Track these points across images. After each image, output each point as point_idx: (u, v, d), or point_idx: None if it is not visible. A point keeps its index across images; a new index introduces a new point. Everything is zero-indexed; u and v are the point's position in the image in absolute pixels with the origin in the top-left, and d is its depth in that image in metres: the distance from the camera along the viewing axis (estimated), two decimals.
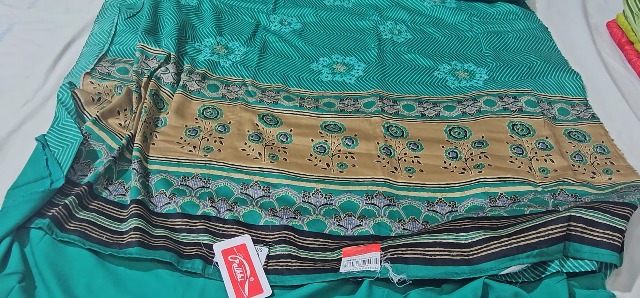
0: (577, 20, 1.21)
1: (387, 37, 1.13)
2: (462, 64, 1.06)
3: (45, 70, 0.96)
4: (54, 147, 0.76)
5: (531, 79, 1.01)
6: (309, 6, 1.22)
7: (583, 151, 0.85)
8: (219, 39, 1.08)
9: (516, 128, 0.89)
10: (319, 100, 0.95)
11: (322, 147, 0.85)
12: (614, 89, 1.00)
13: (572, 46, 1.12)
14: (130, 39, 1.03)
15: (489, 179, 0.78)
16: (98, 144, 0.80)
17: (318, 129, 0.89)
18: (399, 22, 1.18)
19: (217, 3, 1.18)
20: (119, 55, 1.00)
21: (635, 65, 1.06)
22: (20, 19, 1.09)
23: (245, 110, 0.91)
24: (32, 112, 0.87)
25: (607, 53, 1.11)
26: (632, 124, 0.92)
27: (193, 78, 0.96)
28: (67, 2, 1.17)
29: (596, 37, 1.16)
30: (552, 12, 1.25)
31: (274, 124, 0.89)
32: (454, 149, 0.85)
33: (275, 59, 1.05)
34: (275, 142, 0.85)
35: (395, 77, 1.01)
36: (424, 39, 1.13)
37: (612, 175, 0.80)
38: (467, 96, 0.97)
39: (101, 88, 0.91)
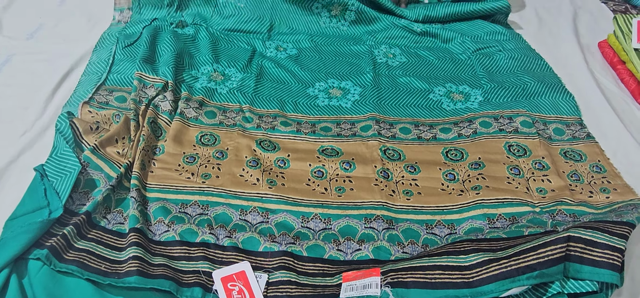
0: (569, 41, 1.23)
1: (381, 60, 1.14)
2: (457, 86, 1.07)
3: (44, 100, 0.96)
4: (52, 176, 0.76)
5: (526, 99, 1.02)
6: (304, 32, 1.24)
7: (580, 170, 0.86)
8: (215, 66, 1.09)
9: (513, 149, 0.89)
10: (315, 125, 0.96)
11: (320, 171, 0.85)
12: (608, 108, 1.01)
13: (565, 66, 1.14)
14: (128, 67, 1.04)
15: (487, 200, 0.78)
16: (96, 173, 0.80)
17: (315, 153, 0.89)
18: (393, 46, 1.20)
19: (213, 31, 1.20)
20: (117, 83, 1.00)
21: (628, 84, 1.08)
22: (19, 49, 1.10)
23: (243, 136, 0.91)
24: (31, 142, 0.87)
25: (600, 72, 1.13)
26: (628, 143, 0.92)
27: (190, 105, 0.97)
28: (66, 32, 1.18)
29: (588, 57, 1.17)
30: (544, 33, 1.27)
31: (272, 149, 0.89)
32: (451, 171, 0.86)
33: (272, 84, 1.06)
34: (273, 167, 0.85)
35: (391, 100, 1.02)
36: (418, 62, 1.15)
37: (610, 194, 0.81)
38: (463, 118, 0.98)
39: (99, 117, 0.91)
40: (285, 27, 1.25)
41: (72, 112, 0.89)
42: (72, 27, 1.20)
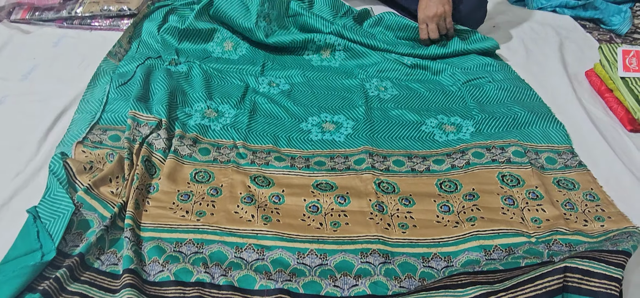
0: (557, 70, 1.25)
1: (373, 94, 1.16)
2: (449, 117, 1.08)
3: (37, 141, 0.96)
4: (45, 218, 0.76)
5: (517, 129, 1.03)
6: (297, 68, 1.26)
7: (573, 199, 0.86)
8: (209, 103, 1.09)
9: (506, 179, 0.90)
10: (309, 159, 0.96)
11: (315, 206, 0.85)
12: (599, 136, 1.02)
13: (554, 95, 1.15)
14: (121, 106, 1.04)
15: (482, 232, 0.78)
16: (90, 213, 0.79)
17: (310, 188, 0.89)
18: (384, 80, 1.22)
19: (207, 68, 1.22)
20: (111, 122, 1.01)
21: (616, 112, 1.10)
22: (12, 91, 1.11)
23: (237, 172, 0.91)
24: (24, 183, 0.86)
25: (588, 101, 1.15)
26: (620, 171, 0.93)
27: (184, 143, 0.97)
28: (60, 72, 1.19)
29: (576, 85, 1.20)
30: (531, 63, 1.29)
31: (266, 185, 0.89)
32: (446, 203, 0.86)
33: (265, 119, 1.07)
34: (268, 203, 0.85)
35: (384, 134, 1.03)
36: (409, 94, 1.17)
37: (604, 222, 0.81)
38: (456, 149, 0.99)
39: (93, 156, 0.91)
40: (278, 65, 1.28)
41: (65, 153, 0.89)
42: (66, 68, 1.21)
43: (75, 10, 1.39)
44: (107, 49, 1.25)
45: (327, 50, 1.31)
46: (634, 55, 1.12)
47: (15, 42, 1.31)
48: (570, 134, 1.02)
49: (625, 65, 1.11)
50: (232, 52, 1.31)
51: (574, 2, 1.55)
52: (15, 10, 1.41)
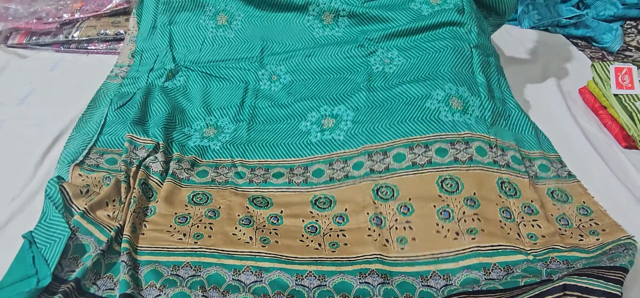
0: (550, 88, 1.26)
1: (378, 69, 1.11)
2: (457, 87, 1.01)
3: (33, 165, 0.96)
4: (41, 243, 0.75)
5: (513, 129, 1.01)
6: (298, 46, 1.20)
7: (567, 213, 0.86)
8: (208, 119, 1.08)
9: (504, 186, 0.88)
10: (308, 168, 0.95)
11: (314, 227, 0.85)
12: (594, 153, 1.02)
13: (548, 112, 1.16)
14: (119, 129, 1.04)
15: (482, 248, 0.77)
16: (86, 238, 0.79)
17: (309, 206, 0.88)
18: (391, 49, 1.15)
19: (203, 71, 1.19)
20: (108, 145, 1.00)
21: (611, 129, 1.10)
22: (9, 115, 1.11)
23: (235, 194, 0.91)
24: (20, 208, 0.86)
25: (583, 118, 1.15)
26: (616, 187, 0.94)
27: (182, 166, 0.97)
28: (57, 96, 1.19)
29: (570, 103, 1.20)
30: (525, 81, 1.30)
31: (265, 205, 0.89)
32: (446, 208, 0.83)
33: (264, 126, 1.05)
34: (266, 224, 0.85)
35: (385, 119, 0.99)
36: (417, 60, 1.09)
37: (599, 235, 0.81)
38: (460, 136, 0.93)
39: (89, 180, 0.91)
40: (277, 46, 1.22)
41: (62, 177, 0.89)
42: (63, 92, 1.21)
43: (72, 34, 1.40)
44: (104, 72, 1.26)
45: (329, 15, 1.22)
46: (626, 73, 1.13)
47: (13, 66, 1.31)
48: (566, 151, 1.03)
49: (618, 82, 1.12)
50: (226, 27, 1.25)
51: (566, 20, 1.57)
52: (13, 35, 1.42)
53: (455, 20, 1.13)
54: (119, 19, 1.45)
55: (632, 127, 1.04)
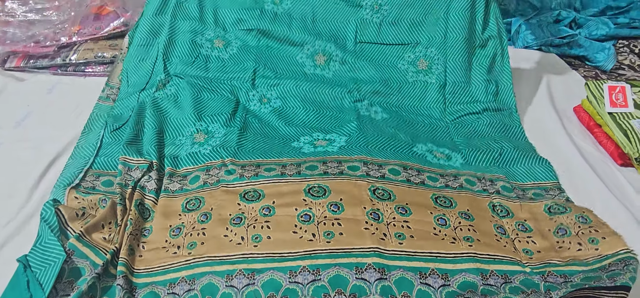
0: (545, 106, 1.27)
1: (365, 114, 1.14)
2: (438, 147, 1.07)
3: (29, 188, 0.96)
4: (36, 267, 0.74)
5: (503, 166, 1.03)
6: (289, 77, 1.22)
7: (565, 222, 0.86)
8: (198, 125, 1.08)
9: (496, 209, 0.89)
10: (301, 165, 0.94)
11: (307, 215, 0.83)
12: (590, 171, 1.03)
13: (544, 131, 1.17)
14: (115, 151, 1.04)
15: (479, 255, 0.77)
16: (82, 261, 0.78)
17: (302, 194, 0.87)
18: (374, 104, 1.19)
19: (195, 81, 1.19)
20: (104, 167, 1.00)
21: (606, 147, 1.11)
22: (5, 138, 1.11)
23: (226, 192, 0.89)
24: (15, 231, 0.85)
25: (578, 136, 1.16)
26: (613, 206, 0.94)
27: (174, 180, 0.96)
28: (53, 119, 1.19)
29: (565, 121, 1.21)
30: (520, 100, 1.31)
31: (256, 198, 0.87)
32: (442, 216, 0.84)
33: (256, 137, 1.05)
34: (258, 217, 0.83)
35: (378, 145, 1.01)
36: (400, 121, 1.15)
37: (599, 244, 0.80)
38: (449, 172, 0.98)
39: (85, 202, 0.90)
40: (269, 71, 1.24)
41: (58, 200, 0.88)
42: (60, 114, 1.21)
43: (70, 57, 1.40)
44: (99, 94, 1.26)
45: (322, 57, 1.26)
46: (619, 91, 1.14)
47: (10, 89, 1.31)
48: (562, 170, 1.03)
49: (612, 100, 1.13)
50: (222, 50, 1.27)
51: (559, 40, 1.59)
52: (10, 58, 1.42)
53: (435, 99, 1.21)
54: (116, 42, 1.46)
55: (627, 145, 1.05)
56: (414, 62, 1.27)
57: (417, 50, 1.27)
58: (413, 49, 1.27)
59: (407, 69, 1.26)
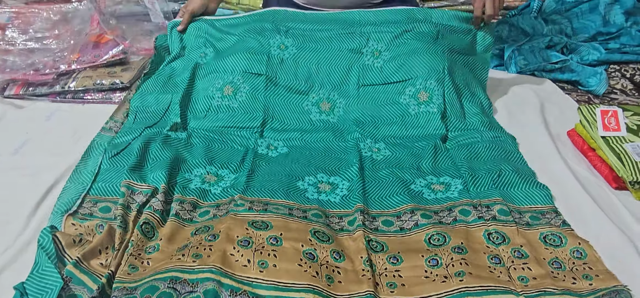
0: (539, 131, 1.29)
1: (366, 154, 1.18)
2: (438, 178, 1.09)
3: (26, 215, 0.96)
4: (33, 294, 0.74)
5: (501, 188, 1.04)
6: (295, 129, 1.27)
7: (560, 257, 0.86)
8: (208, 168, 1.10)
9: (492, 237, 0.90)
10: (307, 212, 0.97)
11: (311, 254, 0.84)
12: (586, 195, 1.04)
13: (539, 155, 1.18)
14: (113, 176, 1.04)
15: (471, 288, 0.78)
16: (79, 288, 0.77)
17: (308, 234, 0.89)
18: (378, 140, 1.23)
19: (206, 133, 1.23)
20: (102, 193, 1.00)
21: (600, 171, 1.12)
22: (3, 165, 1.11)
23: (235, 219, 0.91)
24: (12, 258, 0.85)
25: (573, 160, 1.17)
26: (609, 230, 0.94)
27: (185, 207, 0.98)
28: (51, 145, 1.20)
29: (560, 145, 1.23)
30: (514, 124, 1.32)
31: (264, 228, 0.89)
32: (434, 257, 0.85)
33: (263, 178, 1.08)
34: (265, 245, 0.85)
35: (375, 194, 1.04)
36: (402, 154, 1.18)
37: (593, 280, 0.81)
38: (443, 206, 1.00)
39: (83, 229, 0.90)
40: (277, 123, 1.28)
41: (55, 226, 0.88)
42: (58, 141, 1.22)
43: (69, 84, 1.42)
44: (99, 121, 1.27)
45: (326, 104, 1.32)
46: (612, 115, 1.16)
47: (9, 117, 1.32)
48: (557, 194, 1.04)
49: (604, 124, 1.15)
50: (231, 97, 1.30)
51: (551, 65, 1.62)
52: (10, 86, 1.44)
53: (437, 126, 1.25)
54: (115, 69, 1.48)
55: (621, 169, 1.06)
56: (415, 95, 1.31)
57: (418, 83, 1.32)
58: (413, 83, 1.32)
59: (409, 102, 1.31)
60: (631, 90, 1.56)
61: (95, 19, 1.64)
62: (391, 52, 1.37)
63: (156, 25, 1.74)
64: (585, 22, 1.84)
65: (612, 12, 1.83)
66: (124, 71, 1.47)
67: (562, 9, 1.92)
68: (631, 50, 1.71)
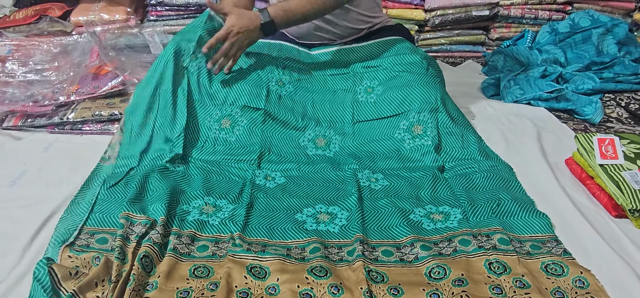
0: (537, 160, 1.29)
1: (365, 184, 1.17)
2: (437, 207, 1.09)
3: (22, 248, 0.94)
4: None
5: (500, 217, 1.04)
6: (292, 161, 1.27)
7: (562, 286, 0.86)
8: (207, 199, 1.10)
9: (493, 266, 0.89)
10: (305, 248, 0.96)
11: (308, 294, 0.83)
12: (586, 223, 1.03)
13: (537, 184, 1.18)
14: (111, 207, 1.04)
15: None
16: None
17: (304, 273, 0.88)
18: (376, 172, 1.23)
19: (203, 165, 1.22)
20: (99, 224, 0.99)
21: (599, 199, 1.12)
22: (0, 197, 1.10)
23: (233, 262, 0.90)
24: (6, 292, 0.83)
25: (571, 188, 1.17)
26: (610, 258, 0.94)
27: (182, 241, 0.96)
28: (48, 176, 1.19)
29: (558, 174, 1.23)
30: (512, 154, 1.33)
31: (262, 277, 0.87)
32: (435, 291, 0.84)
33: (262, 212, 1.07)
34: (264, 294, 0.84)
35: (374, 224, 1.04)
36: (400, 184, 1.18)
37: None
38: (443, 237, 0.99)
39: (79, 261, 0.89)
40: (274, 155, 1.28)
41: (51, 258, 0.87)
42: (55, 172, 1.21)
43: (67, 116, 1.42)
44: (97, 152, 1.26)
45: (322, 140, 1.33)
46: (609, 143, 1.16)
47: (6, 149, 1.32)
48: (557, 223, 1.03)
49: (602, 153, 1.15)
50: (229, 130, 1.30)
51: (547, 95, 1.64)
52: (8, 118, 1.44)
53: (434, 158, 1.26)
54: (114, 100, 1.49)
55: (620, 197, 1.06)
56: (409, 128, 1.33)
57: (411, 116, 1.34)
58: (406, 116, 1.35)
59: (403, 137, 1.33)
60: (627, 118, 1.57)
61: (95, 51, 1.66)
62: (384, 85, 1.40)
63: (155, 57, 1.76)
64: (579, 52, 1.88)
65: (605, 43, 1.86)
66: (122, 102, 1.47)
67: (555, 40, 1.96)
68: (625, 79, 1.74)
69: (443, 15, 2.17)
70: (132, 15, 2.09)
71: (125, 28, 1.98)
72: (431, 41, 2.23)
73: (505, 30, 2.22)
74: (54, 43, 1.80)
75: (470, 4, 2.17)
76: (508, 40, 2.15)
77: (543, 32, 2.04)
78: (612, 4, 2.21)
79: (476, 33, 2.23)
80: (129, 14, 2.09)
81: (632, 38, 1.90)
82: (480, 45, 2.26)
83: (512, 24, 2.23)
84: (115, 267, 0.86)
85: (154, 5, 2.13)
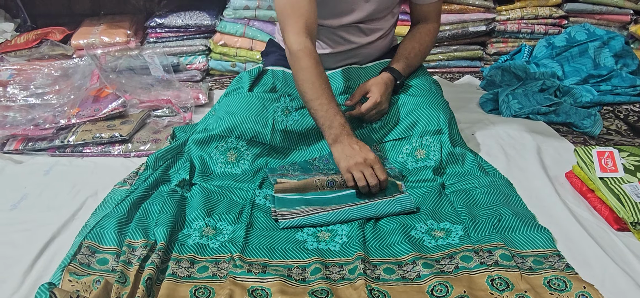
0: (538, 174, 1.29)
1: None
2: (438, 223, 1.09)
3: (22, 273, 0.94)
4: None
5: (502, 232, 1.03)
6: None
7: None
8: (207, 220, 1.09)
9: (495, 283, 0.89)
10: (306, 269, 0.95)
11: None
12: (588, 237, 1.03)
13: (538, 198, 1.18)
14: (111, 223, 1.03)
15: None
16: None
17: (306, 295, 0.87)
18: None
19: (206, 185, 1.22)
20: (99, 240, 0.99)
21: (600, 212, 1.12)
22: (1, 222, 1.10)
23: (235, 284, 0.89)
24: None
25: (572, 202, 1.17)
26: (613, 272, 0.93)
27: (181, 265, 0.96)
28: (49, 199, 1.19)
29: (559, 187, 1.22)
30: (512, 168, 1.33)
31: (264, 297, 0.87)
32: None
33: (262, 232, 1.07)
34: None
35: (375, 241, 1.03)
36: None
37: None
38: (445, 254, 0.98)
39: (79, 285, 0.89)
40: None
41: (53, 283, 0.87)
42: (56, 196, 1.21)
43: (68, 138, 1.43)
44: (98, 174, 1.27)
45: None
46: (608, 156, 1.16)
47: (7, 173, 1.32)
48: (559, 237, 1.03)
49: (601, 166, 1.15)
50: (234, 164, 1.31)
51: (545, 108, 1.64)
52: (9, 142, 1.44)
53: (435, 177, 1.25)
54: (114, 122, 1.50)
55: (621, 210, 1.06)
56: (412, 152, 1.33)
57: (413, 141, 1.34)
58: (409, 140, 1.35)
59: (406, 160, 1.33)
60: (626, 130, 1.57)
61: (96, 74, 1.67)
62: (390, 110, 1.39)
63: (155, 79, 1.77)
64: (576, 65, 1.89)
65: (602, 56, 1.87)
66: (123, 124, 1.48)
67: (552, 54, 1.97)
68: (623, 91, 1.74)
69: (440, 31, 2.19)
70: (132, 37, 2.12)
71: (125, 50, 2.00)
72: (429, 57, 2.24)
73: (502, 45, 2.24)
74: (54, 66, 1.81)
75: (467, 20, 2.19)
76: (505, 55, 2.16)
77: (540, 46, 2.05)
78: (608, 17, 2.23)
79: (474, 48, 2.25)
80: (129, 36, 2.11)
81: (628, 51, 1.91)
82: (477, 60, 2.27)
83: (509, 39, 2.24)
84: (115, 289, 0.85)
85: (154, 27, 2.16)
